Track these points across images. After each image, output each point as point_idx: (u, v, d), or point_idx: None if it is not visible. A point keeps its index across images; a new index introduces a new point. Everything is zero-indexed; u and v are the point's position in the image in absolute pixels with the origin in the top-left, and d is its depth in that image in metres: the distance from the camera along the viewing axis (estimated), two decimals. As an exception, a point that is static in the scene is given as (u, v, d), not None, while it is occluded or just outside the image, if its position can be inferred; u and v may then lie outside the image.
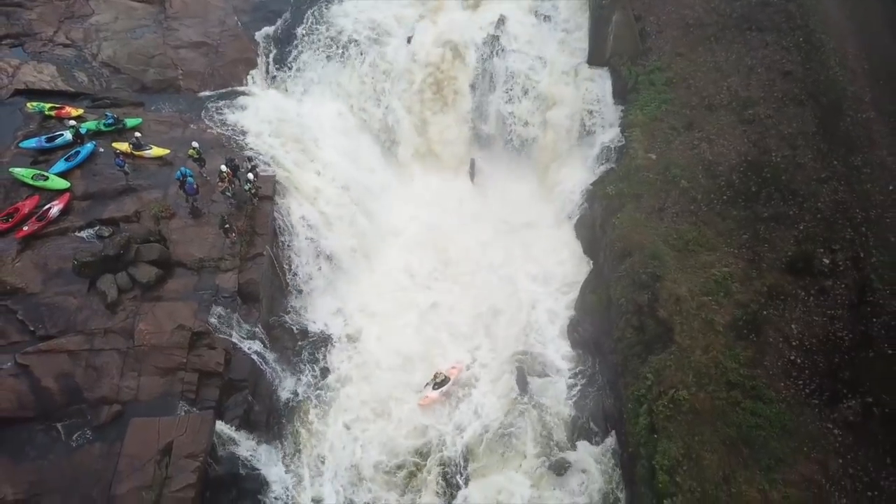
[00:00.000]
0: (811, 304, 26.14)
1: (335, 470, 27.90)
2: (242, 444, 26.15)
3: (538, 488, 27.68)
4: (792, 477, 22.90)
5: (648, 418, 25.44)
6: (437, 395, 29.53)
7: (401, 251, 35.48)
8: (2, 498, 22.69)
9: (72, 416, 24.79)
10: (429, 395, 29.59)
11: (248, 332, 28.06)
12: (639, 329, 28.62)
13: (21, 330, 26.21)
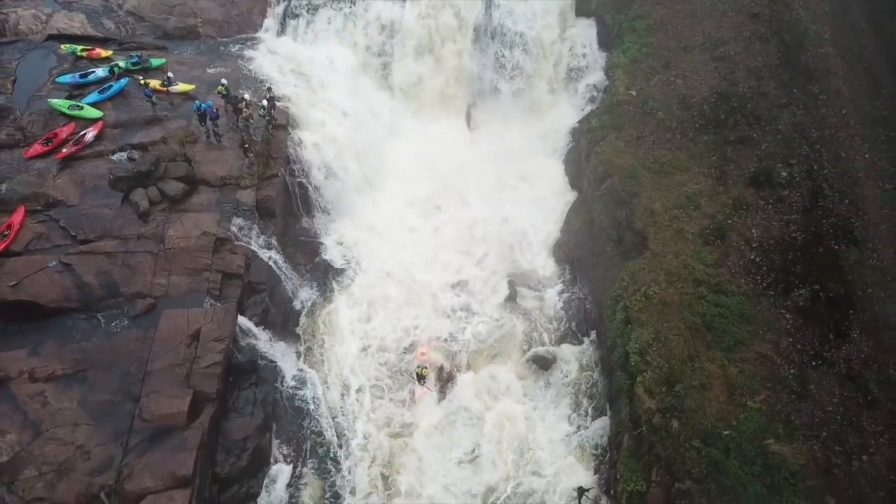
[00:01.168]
0: (770, 211, 28.73)
1: (342, 365, 30.48)
2: (261, 338, 28.74)
3: (524, 380, 30.35)
4: (748, 355, 25.50)
5: (624, 313, 28.03)
6: (426, 391, 29.62)
7: (402, 183, 37.95)
8: (51, 372, 25.34)
9: (110, 307, 27.39)
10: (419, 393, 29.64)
11: (265, 243, 30.65)
12: (617, 242, 31.24)
13: (64, 235, 28.80)
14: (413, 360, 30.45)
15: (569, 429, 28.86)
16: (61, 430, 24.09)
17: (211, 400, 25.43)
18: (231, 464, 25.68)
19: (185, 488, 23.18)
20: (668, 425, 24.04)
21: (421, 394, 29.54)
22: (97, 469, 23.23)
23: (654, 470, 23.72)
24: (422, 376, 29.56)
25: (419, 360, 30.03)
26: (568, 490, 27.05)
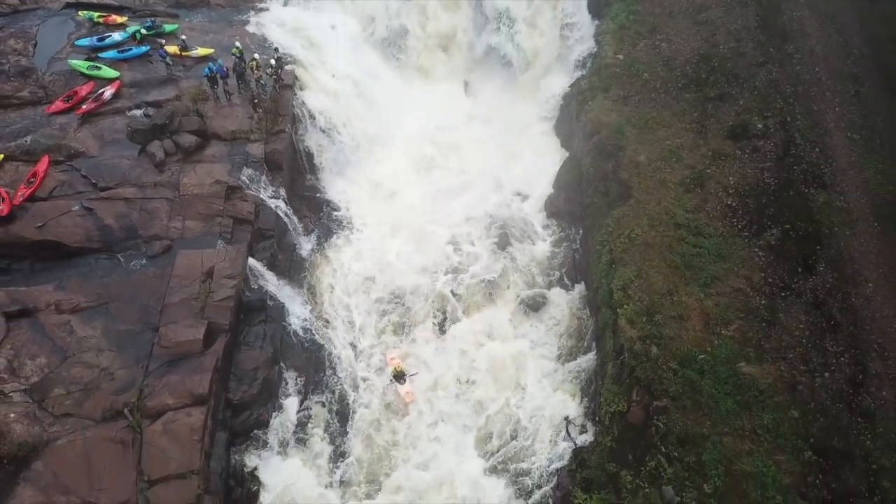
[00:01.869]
0: (746, 160, 30.38)
1: (346, 307, 32.23)
2: (269, 279, 30.40)
3: (515, 322, 32.08)
4: (723, 289, 27.17)
5: (609, 255, 29.68)
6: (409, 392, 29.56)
7: (402, 144, 39.64)
8: (76, 304, 27.06)
9: (130, 248, 29.11)
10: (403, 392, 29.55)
11: (273, 193, 32.32)
12: (604, 193, 32.88)
13: (85, 183, 30.47)
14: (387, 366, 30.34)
15: (557, 365, 30.55)
16: (86, 355, 25.82)
17: (224, 331, 27.11)
18: (243, 391, 27.35)
19: (202, 406, 24.92)
20: (648, 351, 25.72)
21: (406, 393, 29.45)
22: (120, 388, 24.95)
23: (634, 391, 25.41)
24: (400, 375, 29.67)
25: (391, 364, 30.04)
26: (555, 419, 28.76)
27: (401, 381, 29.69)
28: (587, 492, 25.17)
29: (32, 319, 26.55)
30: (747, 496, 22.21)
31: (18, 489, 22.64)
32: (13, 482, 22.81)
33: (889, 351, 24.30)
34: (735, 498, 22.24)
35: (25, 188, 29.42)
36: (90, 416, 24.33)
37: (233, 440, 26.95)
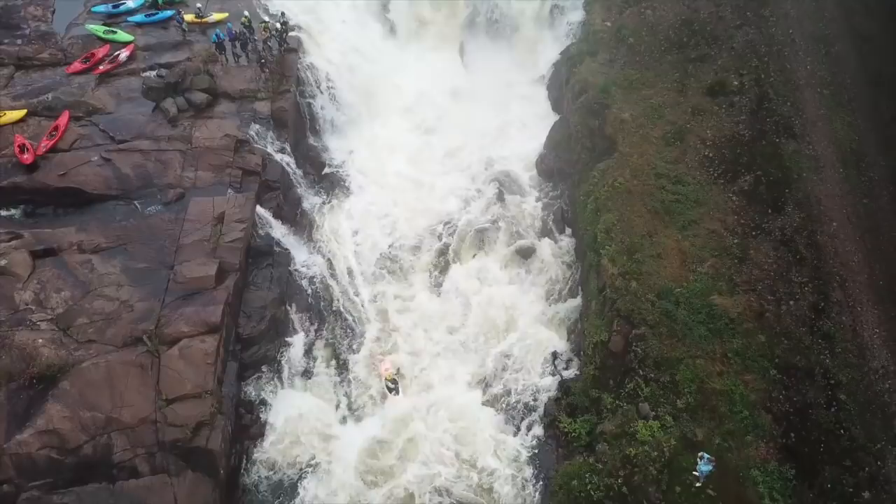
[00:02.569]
0: (723, 115, 32.05)
1: (348, 256, 33.98)
2: (276, 227, 32.09)
3: (507, 268, 33.80)
4: (699, 231, 28.87)
5: (594, 204, 31.31)
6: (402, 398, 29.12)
7: (400, 107, 41.23)
8: (97, 244, 28.77)
9: (145, 195, 30.80)
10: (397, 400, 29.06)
11: (279, 148, 33.98)
12: (590, 149, 34.51)
13: (103, 136, 32.17)
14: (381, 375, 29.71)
15: (545, 307, 32.27)
16: (107, 289, 27.53)
17: (234, 270, 28.81)
18: (252, 327, 29.07)
19: (215, 334, 26.65)
20: (628, 286, 27.43)
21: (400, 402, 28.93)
22: (139, 318, 26.67)
23: (614, 322, 27.12)
24: (392, 385, 29.05)
25: (384, 374, 29.42)
26: (544, 355, 30.50)
27: (394, 392, 28.95)
28: (572, 416, 26.91)
29: (57, 258, 28.27)
30: (716, 410, 23.93)
31: (47, 405, 24.40)
32: (43, 399, 24.58)
33: (849, 281, 26.03)
34: (705, 412, 23.94)
35: (48, 140, 31.12)
36: (112, 343, 26.03)
37: (243, 373, 28.68)
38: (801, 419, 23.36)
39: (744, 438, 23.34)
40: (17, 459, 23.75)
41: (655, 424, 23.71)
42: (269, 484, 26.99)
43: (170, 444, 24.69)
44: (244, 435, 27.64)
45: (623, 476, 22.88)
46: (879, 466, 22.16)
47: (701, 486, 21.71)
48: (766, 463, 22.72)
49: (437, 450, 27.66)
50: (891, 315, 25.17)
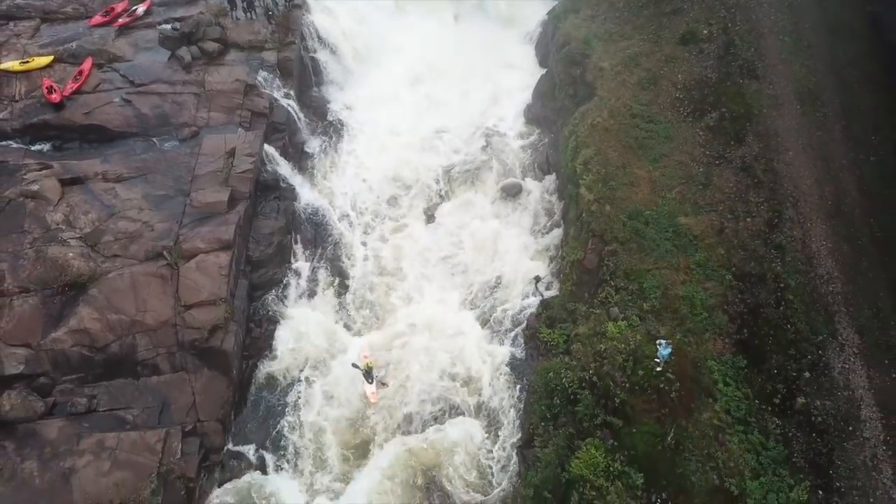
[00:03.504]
0: (693, 61, 34.25)
1: (348, 194, 36.31)
2: (282, 164, 34.44)
3: (495, 204, 36.12)
4: (669, 163, 31.10)
5: (574, 142, 33.57)
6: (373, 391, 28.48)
7: (398, 64, 43.38)
8: (119, 174, 31.13)
9: (163, 133, 33.15)
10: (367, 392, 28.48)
11: (284, 94, 36.30)
12: (573, 96, 36.79)
13: (123, 81, 34.53)
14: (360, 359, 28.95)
15: (530, 239, 34.58)
16: (130, 212, 29.92)
17: (245, 198, 31.16)
18: (261, 251, 31.46)
19: (228, 250, 29.01)
20: (603, 209, 29.73)
21: (371, 393, 28.41)
22: (159, 237, 29.05)
23: (589, 241, 29.44)
24: (369, 372, 28.30)
25: (364, 361, 28.61)
26: (527, 280, 32.80)
27: (369, 379, 28.28)
28: (551, 328, 29.16)
29: (83, 186, 30.66)
30: (678, 312, 26.23)
31: (78, 308, 26.80)
32: (74, 304, 26.98)
33: (801, 201, 28.32)
34: (668, 313, 26.25)
35: (73, 83, 33.43)
36: (135, 257, 28.42)
37: (253, 293, 31.08)
38: (754, 317, 25.66)
39: (702, 336, 25.62)
40: (53, 355, 26.13)
41: (623, 324, 25.99)
42: (278, 386, 29.31)
43: (188, 344, 27.06)
44: (254, 345, 29.98)
45: (594, 367, 25.15)
46: (820, 355, 24.48)
47: (661, 370, 23.99)
48: (722, 355, 25.02)
49: (429, 358, 29.90)
50: (837, 230, 27.45)
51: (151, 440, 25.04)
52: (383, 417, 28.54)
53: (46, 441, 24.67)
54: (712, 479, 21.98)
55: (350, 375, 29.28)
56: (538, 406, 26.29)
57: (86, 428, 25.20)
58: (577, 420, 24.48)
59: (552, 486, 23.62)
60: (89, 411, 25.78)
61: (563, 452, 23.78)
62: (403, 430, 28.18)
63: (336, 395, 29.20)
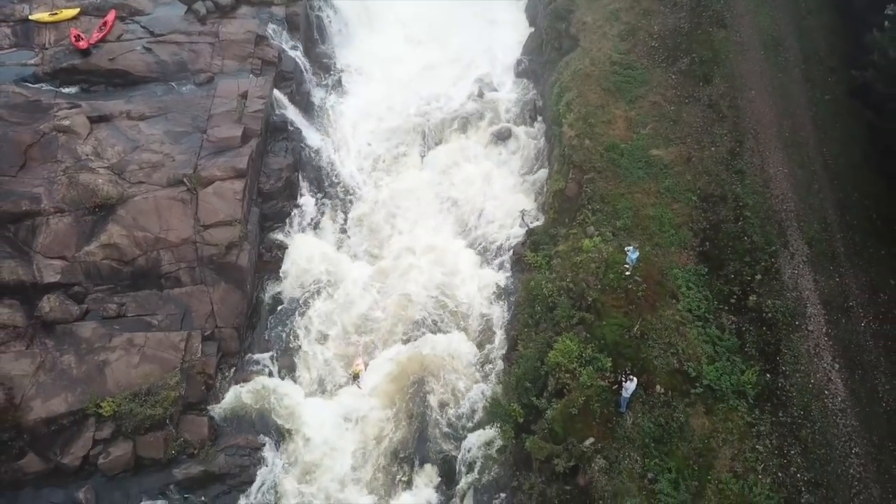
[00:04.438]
0: (668, 13, 36.52)
1: (351, 139, 38.74)
2: (290, 110, 36.82)
3: (486, 148, 38.54)
4: (644, 104, 33.41)
5: (559, 87, 35.90)
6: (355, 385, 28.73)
7: (397, 25, 45.37)
8: (142, 113, 33.39)
9: (181, 78, 35.45)
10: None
11: (292, 46, 38.62)
12: (558, 49, 39.08)
13: (144, 31, 36.81)
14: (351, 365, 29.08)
15: (518, 178, 37.00)
16: (153, 145, 32.25)
17: (256, 135, 33.49)
18: (271, 184, 33.86)
19: (241, 178, 31.41)
20: (583, 143, 32.08)
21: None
22: (179, 166, 31.41)
23: (570, 172, 31.84)
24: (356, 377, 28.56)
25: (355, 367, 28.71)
26: (514, 213, 35.24)
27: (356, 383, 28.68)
28: (535, 251, 31.58)
29: (109, 123, 32.98)
30: (648, 229, 28.61)
31: (108, 226, 29.26)
32: (104, 222, 29.44)
33: (761, 133, 30.73)
34: (639, 230, 28.62)
35: (98, 33, 35.75)
36: (158, 183, 30.82)
37: (263, 222, 33.51)
38: (715, 232, 28.08)
39: (668, 249, 28.00)
40: (86, 267, 28.63)
41: (598, 239, 28.34)
42: (286, 304, 31.80)
43: (206, 259, 29.56)
44: (265, 268, 32.54)
45: (570, 276, 27.59)
46: (772, 262, 26.92)
47: (630, 274, 26.46)
48: (685, 265, 27.47)
49: (426, 278, 32.38)
50: (792, 157, 29.87)
51: (175, 340, 27.55)
52: (384, 327, 30.96)
53: (82, 339, 27.16)
54: (673, 362, 24.38)
55: (351, 296, 31.80)
56: (522, 315, 28.83)
57: (116, 329, 27.70)
58: (556, 323, 26.91)
59: (532, 377, 26.13)
60: (119, 316, 28.23)
61: (543, 350, 26.21)
62: (401, 339, 30.62)
63: (338, 312, 31.64)
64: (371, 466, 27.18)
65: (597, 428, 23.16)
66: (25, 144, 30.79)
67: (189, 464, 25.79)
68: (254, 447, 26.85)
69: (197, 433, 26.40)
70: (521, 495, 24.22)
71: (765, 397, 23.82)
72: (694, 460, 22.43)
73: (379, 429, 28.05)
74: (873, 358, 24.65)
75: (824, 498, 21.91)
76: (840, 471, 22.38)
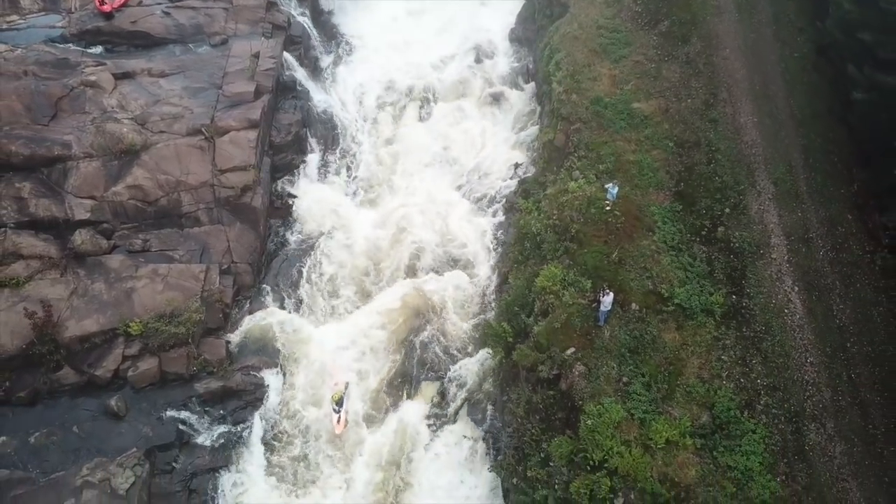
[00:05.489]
0: (651, -20, 38.53)
1: (355, 96, 40.79)
2: (298, 71, 38.81)
3: (481, 108, 40.53)
4: (627, 63, 35.29)
5: (549, 49, 37.88)
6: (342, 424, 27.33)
7: (398, -1, 47.85)
8: (162, 70, 35.40)
9: (197, 40, 37.43)
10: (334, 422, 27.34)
11: (300, 12, 40.65)
12: (549, 16, 40.97)
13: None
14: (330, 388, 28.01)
15: (511, 134, 39.00)
16: (172, 99, 34.21)
17: (268, 91, 35.45)
18: (281, 137, 35.82)
19: (255, 129, 33.35)
20: (570, 98, 34.01)
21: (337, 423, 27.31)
22: (198, 118, 33.32)
23: (558, 123, 33.81)
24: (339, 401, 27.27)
25: (334, 390, 27.60)
26: (508, 166, 37.27)
27: (336, 409, 27.20)
28: (526, 198, 33.60)
29: (132, 79, 34.97)
30: (628, 172, 30.50)
31: (133, 170, 31.24)
32: (130, 166, 31.39)
33: (734, 86, 32.64)
34: (620, 173, 30.48)
35: (120, -1, 37.79)
36: (178, 133, 32.77)
37: (275, 173, 35.49)
38: (689, 174, 30.01)
39: (647, 190, 29.99)
40: (113, 206, 30.66)
41: (582, 181, 30.35)
42: (296, 246, 33.83)
43: (223, 201, 31.60)
44: (276, 214, 34.54)
45: (557, 214, 29.61)
46: (741, 199, 28.88)
47: (610, 208, 28.48)
48: (662, 204, 29.48)
49: (425, 224, 34.42)
50: (762, 108, 31.77)
51: (195, 271, 29.62)
52: (388, 267, 33.04)
53: (111, 269, 29.23)
54: (647, 284, 26.39)
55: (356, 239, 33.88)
56: (513, 252, 30.88)
57: (142, 261, 29.77)
58: (543, 256, 28.94)
59: (521, 302, 28.20)
60: (143, 251, 30.29)
61: (531, 279, 28.24)
62: (406, 277, 32.70)
63: (344, 253, 33.72)
64: (374, 386, 29.23)
65: (577, 340, 25.13)
66: (56, 97, 32.68)
67: (209, 380, 27.81)
68: (267, 367, 28.86)
69: (216, 354, 28.46)
70: (510, 404, 26.24)
71: (730, 315, 25.76)
72: (665, 368, 24.36)
73: (382, 354, 30.09)
74: (829, 282, 26.62)
75: (781, 399, 23.85)
76: (796, 377, 24.35)
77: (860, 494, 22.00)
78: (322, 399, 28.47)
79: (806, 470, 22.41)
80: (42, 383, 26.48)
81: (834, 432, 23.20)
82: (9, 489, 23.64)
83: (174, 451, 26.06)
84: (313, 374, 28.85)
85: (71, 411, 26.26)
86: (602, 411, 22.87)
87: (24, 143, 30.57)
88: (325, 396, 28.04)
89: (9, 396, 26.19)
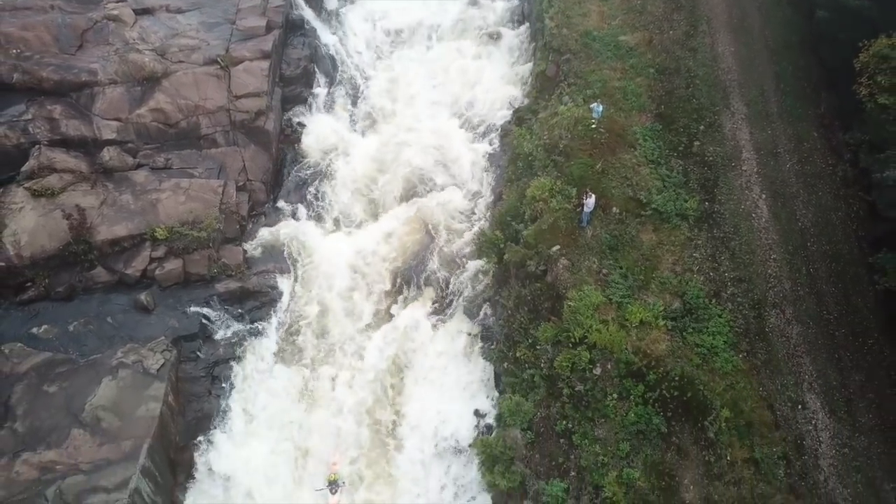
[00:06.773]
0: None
1: (359, 37, 42.49)
2: (306, 10, 40.35)
3: (479, 47, 42.23)
4: (615, 1, 37.24)
5: None
6: (338, 500, 26.27)
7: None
8: (179, 7, 37.18)
9: (211, -20, 39.18)
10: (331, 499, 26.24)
11: (307, -39, 42.20)
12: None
13: (177, -60, 40.39)
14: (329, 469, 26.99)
15: (507, 70, 40.76)
16: (189, 32, 35.88)
17: (278, 26, 37.13)
18: (291, 70, 37.60)
19: (267, 59, 35.10)
20: (561, 31, 35.78)
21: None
22: (214, 49, 35.00)
23: (550, 55, 35.64)
24: (334, 483, 26.28)
25: (332, 470, 26.66)
26: (503, 98, 39.10)
27: (332, 491, 26.24)
28: (519, 126, 35.52)
29: (151, 15, 36.61)
30: (614, 97, 32.38)
31: (155, 94, 33.07)
32: (152, 91, 33.16)
33: (713, 19, 34.42)
34: (606, 97, 32.38)
35: (138, -60, 39.24)
36: (195, 62, 34.54)
37: (285, 104, 37.32)
38: (669, 97, 31.92)
39: (630, 112, 31.96)
40: (136, 128, 32.58)
41: (571, 104, 32.31)
42: (306, 167, 35.83)
43: (238, 124, 33.52)
44: (287, 140, 36.49)
45: (547, 135, 31.60)
46: (715, 118, 30.82)
47: (595, 126, 30.45)
48: (644, 125, 31.44)
49: (425, 149, 36.39)
50: (739, 38, 33.58)
51: (214, 185, 31.68)
52: (390, 188, 35.10)
53: (136, 183, 31.30)
54: (628, 192, 28.47)
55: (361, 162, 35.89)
56: (507, 172, 32.94)
57: (164, 176, 31.82)
58: (534, 174, 30.94)
59: (513, 213, 30.27)
60: (165, 168, 32.29)
61: (522, 193, 30.31)
62: (408, 197, 34.77)
63: (351, 173, 35.73)
64: (378, 289, 31.51)
65: (562, 238, 27.28)
66: (81, 29, 34.42)
67: (228, 281, 30.06)
68: (280, 273, 31.07)
69: (234, 259, 30.67)
70: (502, 300, 28.47)
71: (703, 219, 27.87)
72: (641, 263, 26.53)
73: (387, 261, 32.29)
74: (794, 190, 28.71)
75: (746, 290, 26.05)
76: (760, 271, 26.54)
77: (812, 368, 24.25)
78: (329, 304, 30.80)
79: (765, 348, 24.61)
80: (77, 281, 28.65)
81: (792, 317, 25.39)
82: (53, 367, 25.94)
83: (198, 342, 28.33)
84: (321, 277, 31.04)
85: (104, 305, 28.48)
86: (583, 296, 25.01)
87: (54, 69, 32.34)
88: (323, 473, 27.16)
89: (48, 292, 28.36)
